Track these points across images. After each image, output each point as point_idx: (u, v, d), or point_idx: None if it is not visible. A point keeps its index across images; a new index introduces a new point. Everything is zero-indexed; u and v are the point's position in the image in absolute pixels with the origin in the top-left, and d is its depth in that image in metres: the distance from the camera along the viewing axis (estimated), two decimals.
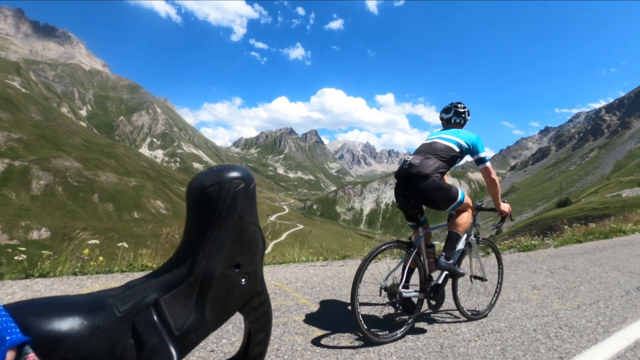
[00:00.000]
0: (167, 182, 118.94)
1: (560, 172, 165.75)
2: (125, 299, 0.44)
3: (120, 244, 4.53)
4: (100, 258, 4.27)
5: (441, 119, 3.25)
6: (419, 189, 2.61)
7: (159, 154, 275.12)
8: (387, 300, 2.58)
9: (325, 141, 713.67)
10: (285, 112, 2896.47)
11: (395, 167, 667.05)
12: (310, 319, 2.76)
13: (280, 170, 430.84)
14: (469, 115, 3.19)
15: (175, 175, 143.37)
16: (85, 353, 0.39)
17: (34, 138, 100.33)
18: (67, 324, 0.38)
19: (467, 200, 2.80)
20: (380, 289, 2.53)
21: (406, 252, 2.69)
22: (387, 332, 2.49)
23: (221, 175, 0.49)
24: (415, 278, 2.83)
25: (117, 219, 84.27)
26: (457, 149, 2.83)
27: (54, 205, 79.18)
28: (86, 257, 4.19)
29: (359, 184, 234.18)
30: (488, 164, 2.85)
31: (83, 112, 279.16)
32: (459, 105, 3.16)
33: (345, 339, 2.41)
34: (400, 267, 2.72)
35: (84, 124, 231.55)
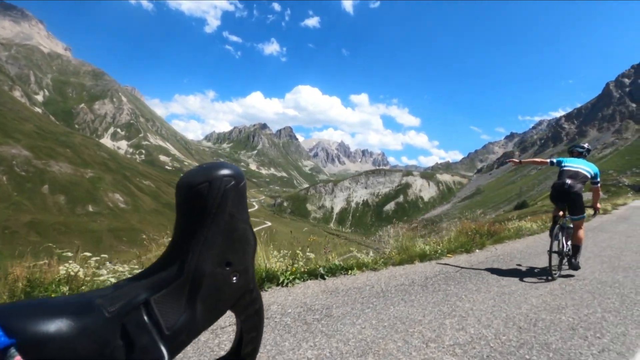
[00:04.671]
0: (128, 174, 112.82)
1: (522, 176, 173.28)
2: (115, 300, 0.42)
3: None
4: None
5: (572, 151, 5.24)
6: (573, 200, 4.67)
7: (123, 145, 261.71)
8: (555, 256, 4.67)
9: (300, 139, 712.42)
10: (260, 107, 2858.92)
11: (369, 166, 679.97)
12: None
13: (253, 166, 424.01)
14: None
15: (139, 167, 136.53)
16: (73, 355, 0.39)
17: None
18: (53, 326, 0.37)
19: (584, 219, 4.86)
20: (548, 251, 4.58)
21: (560, 230, 4.76)
22: (553, 275, 4.52)
23: (211, 173, 0.47)
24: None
25: (69, 212, 78.50)
26: (589, 176, 4.81)
27: None
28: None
29: (330, 182, 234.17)
30: (600, 184, 4.98)
31: (39, 97, 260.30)
32: (588, 145, 5.25)
33: (535, 279, 4.57)
34: (553, 237, 4.70)
35: (39, 110, 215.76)
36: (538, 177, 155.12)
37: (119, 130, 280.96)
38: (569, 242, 4.91)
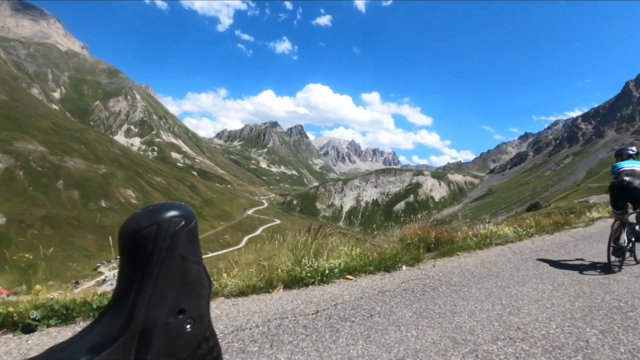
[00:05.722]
0: (140, 171, 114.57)
1: (536, 177, 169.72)
2: None
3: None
4: None
5: (621, 154, 5.47)
6: (634, 195, 4.86)
7: (136, 142, 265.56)
8: (616, 251, 4.84)
9: (311, 137, 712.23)
10: (271, 105, 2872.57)
11: (379, 165, 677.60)
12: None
13: (263, 164, 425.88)
14: None
15: (151, 164, 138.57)
16: None
17: None
18: None
19: None
20: (609, 246, 4.71)
21: (621, 226, 4.91)
22: (614, 269, 4.65)
23: (158, 215, 0.43)
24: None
25: (82, 207, 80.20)
26: None
27: (13, 190, 74.49)
28: None
29: (340, 181, 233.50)
30: None
31: (56, 95, 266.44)
32: (636, 149, 5.51)
33: (595, 272, 4.68)
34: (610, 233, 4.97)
35: (56, 107, 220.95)
36: (552, 178, 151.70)
37: (132, 127, 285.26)
38: (632, 238, 5.01)
